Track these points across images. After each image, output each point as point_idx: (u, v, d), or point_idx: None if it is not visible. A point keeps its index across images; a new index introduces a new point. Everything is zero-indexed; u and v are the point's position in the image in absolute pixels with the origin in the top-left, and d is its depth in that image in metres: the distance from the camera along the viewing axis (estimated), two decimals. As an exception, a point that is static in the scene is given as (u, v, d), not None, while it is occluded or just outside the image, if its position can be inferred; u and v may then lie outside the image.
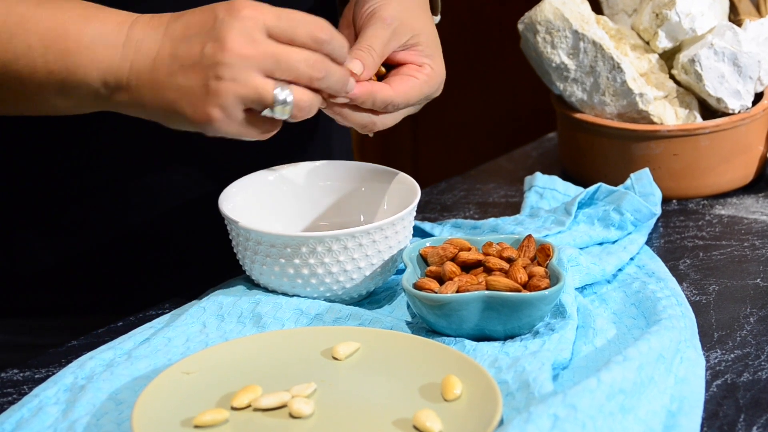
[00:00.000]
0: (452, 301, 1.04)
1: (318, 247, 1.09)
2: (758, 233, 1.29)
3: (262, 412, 0.96)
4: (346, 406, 0.97)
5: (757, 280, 1.19)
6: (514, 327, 1.06)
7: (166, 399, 0.96)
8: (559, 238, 1.22)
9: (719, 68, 1.36)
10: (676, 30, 1.39)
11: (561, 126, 1.45)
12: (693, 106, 1.39)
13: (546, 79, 1.41)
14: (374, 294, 1.17)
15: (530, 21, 1.39)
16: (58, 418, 0.97)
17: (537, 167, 1.44)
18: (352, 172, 1.21)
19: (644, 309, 1.11)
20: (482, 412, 0.93)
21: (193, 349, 1.06)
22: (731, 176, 1.39)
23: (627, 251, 1.21)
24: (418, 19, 1.15)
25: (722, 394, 1.01)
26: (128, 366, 1.03)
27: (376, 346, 1.03)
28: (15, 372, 1.07)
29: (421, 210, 1.36)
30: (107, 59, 1.01)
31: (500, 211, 1.37)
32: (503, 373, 0.98)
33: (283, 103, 1.00)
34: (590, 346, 1.06)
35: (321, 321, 1.09)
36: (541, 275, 1.07)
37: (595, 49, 1.36)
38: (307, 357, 1.02)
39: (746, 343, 1.08)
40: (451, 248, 1.11)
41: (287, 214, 1.21)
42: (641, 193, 1.28)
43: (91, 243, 1.21)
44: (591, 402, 0.91)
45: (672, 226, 1.32)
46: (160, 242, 1.24)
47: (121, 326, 1.15)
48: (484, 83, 2.74)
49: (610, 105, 1.38)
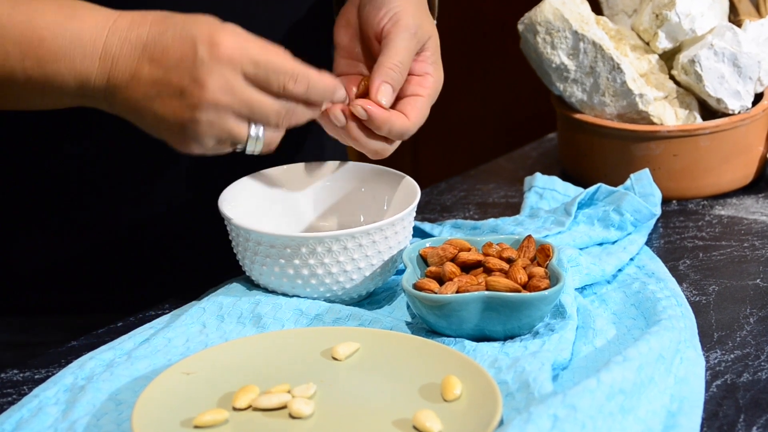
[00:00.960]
0: (452, 302, 1.04)
1: (318, 247, 1.09)
2: (758, 234, 1.29)
3: (262, 413, 0.96)
4: (346, 406, 0.97)
5: (757, 281, 1.19)
6: (514, 327, 1.06)
7: (166, 399, 0.96)
8: (558, 239, 1.22)
9: (719, 69, 1.36)
10: (676, 30, 1.39)
11: (561, 126, 1.45)
12: (693, 107, 1.39)
13: (546, 79, 1.41)
14: (374, 294, 1.17)
15: (530, 21, 1.39)
16: (58, 419, 0.97)
17: (537, 168, 1.44)
18: (351, 172, 1.21)
19: (644, 309, 1.11)
20: (482, 413, 0.93)
21: (193, 350, 1.06)
22: (731, 177, 1.39)
23: (627, 252, 1.21)
24: (428, 22, 1.15)
25: (722, 394, 1.01)
26: (128, 366, 1.03)
27: (375, 347, 1.03)
28: (15, 372, 1.07)
29: (420, 210, 1.37)
30: (85, 70, 1.02)
31: (500, 211, 1.37)
32: (503, 373, 0.98)
33: (254, 143, 1.04)
34: (590, 347, 1.06)
35: (321, 321, 1.09)
36: (541, 276, 1.07)
37: (595, 49, 1.36)
38: (307, 357, 1.02)
39: (746, 344, 1.08)
40: (451, 249, 1.11)
41: (287, 215, 1.21)
42: (641, 193, 1.28)
43: (91, 243, 1.21)
44: (591, 402, 0.91)
45: (672, 226, 1.32)
46: (159, 242, 1.24)
47: (121, 326, 1.15)
48: (484, 84, 2.74)
49: (610, 105, 1.38)
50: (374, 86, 1.09)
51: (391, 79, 1.09)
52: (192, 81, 1.00)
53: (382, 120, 1.09)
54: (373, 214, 1.21)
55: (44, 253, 1.21)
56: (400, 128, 1.10)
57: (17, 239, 1.21)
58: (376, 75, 1.10)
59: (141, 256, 1.23)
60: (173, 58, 1.00)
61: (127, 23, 1.02)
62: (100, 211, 1.21)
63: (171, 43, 1.01)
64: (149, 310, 1.17)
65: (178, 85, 1.00)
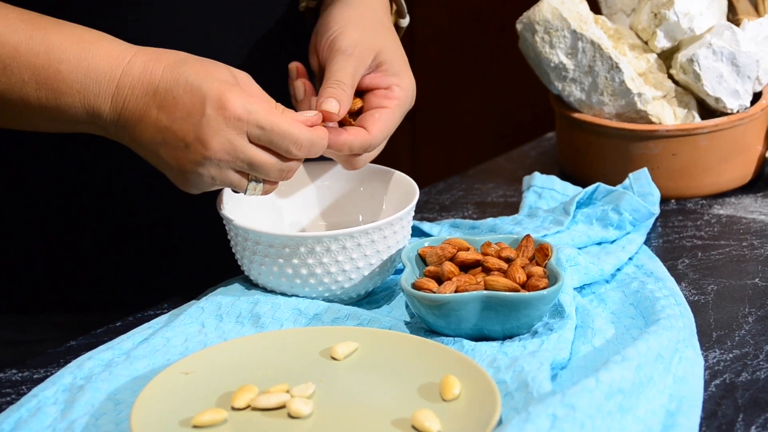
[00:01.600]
0: (451, 301, 1.04)
1: (316, 247, 1.09)
2: (757, 233, 1.29)
3: (260, 412, 0.96)
4: (345, 406, 0.97)
5: (756, 280, 1.19)
6: (513, 327, 1.06)
7: (165, 399, 0.96)
8: (557, 238, 1.22)
9: (718, 68, 1.36)
10: (675, 30, 1.39)
11: (559, 126, 1.45)
12: (691, 106, 1.39)
13: (544, 78, 1.41)
14: (373, 294, 1.17)
15: (529, 21, 1.39)
16: (57, 418, 0.97)
17: (535, 167, 1.44)
18: (350, 172, 1.21)
19: (643, 309, 1.11)
20: (481, 412, 0.93)
21: (192, 349, 1.06)
22: (730, 176, 1.39)
23: (625, 251, 1.21)
24: (378, 37, 1.16)
25: (721, 393, 1.01)
26: (127, 366, 1.03)
27: (374, 346, 1.03)
28: (14, 372, 1.07)
29: (419, 210, 1.36)
30: (98, 106, 1.05)
31: (499, 210, 1.37)
32: (502, 372, 0.98)
33: (253, 189, 1.08)
34: (589, 346, 1.06)
35: (320, 321, 1.09)
36: (540, 275, 1.07)
37: (593, 48, 1.36)
38: (306, 357, 1.02)
39: (745, 343, 1.08)
40: (450, 248, 1.11)
41: (286, 214, 1.21)
42: (640, 192, 1.28)
43: (90, 242, 1.21)
44: (590, 402, 0.91)
45: (670, 225, 1.32)
46: (158, 242, 1.24)
47: (119, 326, 1.15)
48: (482, 83, 2.74)
49: (608, 105, 1.38)
50: (317, 104, 1.11)
51: (332, 94, 1.11)
52: (196, 138, 1.03)
53: (338, 143, 1.11)
54: (372, 213, 1.21)
55: (43, 253, 1.21)
56: (361, 143, 1.12)
57: (17, 238, 1.21)
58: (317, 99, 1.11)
59: (140, 256, 1.23)
60: (181, 111, 1.03)
61: (142, 64, 1.04)
62: (99, 210, 1.21)
63: (181, 95, 1.03)
64: (148, 310, 1.17)
65: (183, 139, 1.03)
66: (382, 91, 1.15)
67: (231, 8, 1.18)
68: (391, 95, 1.14)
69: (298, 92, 1.16)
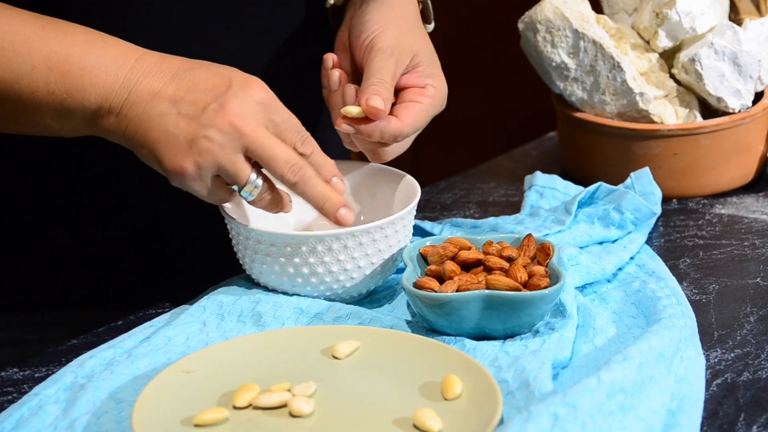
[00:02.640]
0: (452, 300, 1.04)
1: (318, 246, 1.09)
2: (758, 232, 1.29)
3: (262, 411, 0.96)
4: (346, 405, 0.97)
5: (757, 279, 1.19)
6: (514, 326, 1.06)
7: (167, 398, 0.96)
8: (559, 237, 1.22)
9: (719, 67, 1.36)
10: (677, 29, 1.39)
11: (561, 125, 1.45)
12: (693, 106, 1.39)
13: (546, 78, 1.41)
14: (374, 293, 1.17)
15: (530, 20, 1.39)
16: (58, 417, 0.97)
17: (537, 166, 1.44)
18: (352, 171, 1.21)
19: (644, 308, 1.11)
20: (482, 412, 0.93)
21: (193, 348, 1.06)
22: (731, 175, 1.39)
23: (627, 250, 1.21)
24: (415, 38, 1.17)
25: (722, 393, 1.01)
26: (128, 365, 1.03)
27: (376, 345, 1.03)
28: (15, 371, 1.07)
29: (421, 209, 1.36)
30: (107, 85, 1.04)
31: (500, 210, 1.37)
32: (503, 372, 0.98)
33: (251, 188, 1.06)
34: (590, 345, 1.06)
35: (321, 320, 1.09)
36: (541, 274, 1.07)
37: (595, 48, 1.36)
38: (307, 356, 1.02)
39: (746, 343, 1.08)
40: (451, 247, 1.11)
41: (287, 213, 1.21)
42: (641, 192, 1.28)
43: (91, 241, 1.22)
44: (591, 401, 0.91)
45: (672, 225, 1.32)
46: (160, 241, 1.24)
47: (121, 325, 1.15)
48: (484, 82, 2.74)
49: (610, 104, 1.38)
50: (362, 100, 1.11)
51: (377, 92, 1.12)
52: (216, 102, 1.03)
53: (369, 129, 1.12)
54: (374, 212, 1.21)
55: (44, 251, 1.21)
56: (392, 131, 1.12)
57: (18, 237, 1.21)
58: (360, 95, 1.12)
59: (141, 255, 1.23)
60: (203, 87, 1.04)
61: (157, 58, 1.05)
62: (100, 209, 1.21)
63: (204, 77, 1.04)
64: (149, 309, 1.17)
65: (203, 103, 1.03)
66: (416, 89, 1.16)
67: (231, 8, 1.18)
68: (425, 93, 1.16)
69: (333, 81, 1.16)
